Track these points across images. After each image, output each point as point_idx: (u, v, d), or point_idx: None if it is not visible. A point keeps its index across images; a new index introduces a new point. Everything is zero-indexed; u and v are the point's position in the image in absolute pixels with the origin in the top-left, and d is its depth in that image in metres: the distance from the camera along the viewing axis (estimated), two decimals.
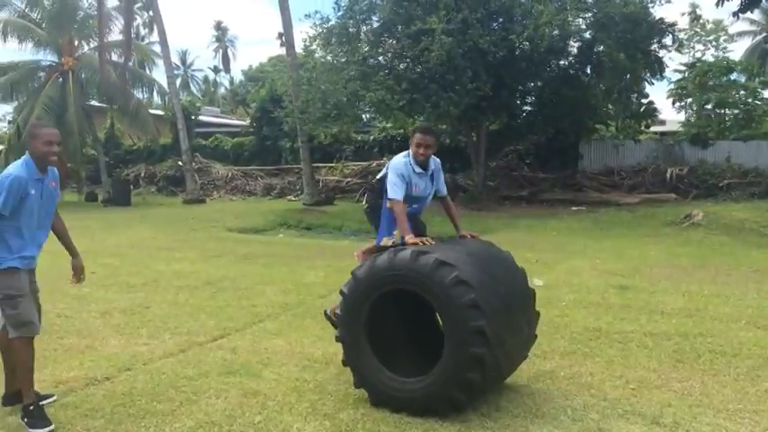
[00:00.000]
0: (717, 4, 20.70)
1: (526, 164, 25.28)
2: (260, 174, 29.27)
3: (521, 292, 4.54)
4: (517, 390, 4.71)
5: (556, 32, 18.76)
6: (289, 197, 26.16)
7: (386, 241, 4.85)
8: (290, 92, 22.61)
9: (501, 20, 18.98)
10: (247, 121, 35.15)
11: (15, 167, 4.09)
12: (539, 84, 21.06)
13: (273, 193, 27.39)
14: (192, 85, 78.01)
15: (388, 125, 27.06)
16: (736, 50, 38.25)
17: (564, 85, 20.51)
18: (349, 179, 26.05)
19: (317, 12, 21.87)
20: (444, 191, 5.36)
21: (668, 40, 21.20)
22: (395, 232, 4.86)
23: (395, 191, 4.84)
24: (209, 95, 73.24)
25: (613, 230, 15.69)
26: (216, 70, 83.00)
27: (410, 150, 4.98)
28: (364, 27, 20.63)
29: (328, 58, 21.56)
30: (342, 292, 4.49)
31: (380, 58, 20.71)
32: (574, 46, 19.71)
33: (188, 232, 15.86)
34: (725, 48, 29.64)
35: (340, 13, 20.54)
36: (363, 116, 22.05)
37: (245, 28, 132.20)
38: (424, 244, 4.41)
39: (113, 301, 7.85)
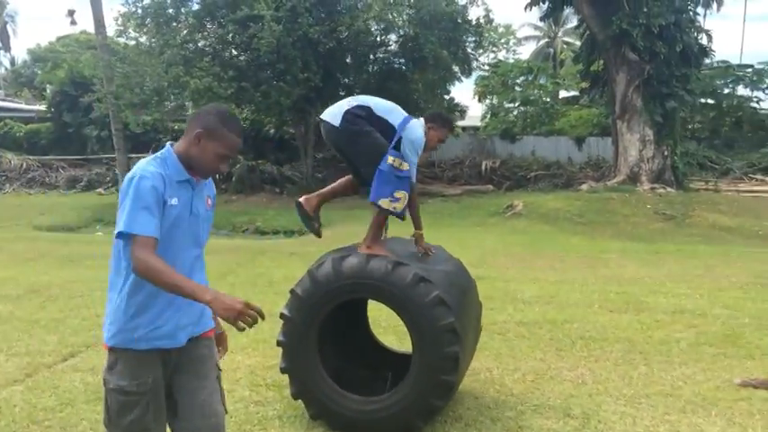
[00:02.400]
0: (525, 8, 22.49)
1: None
2: (61, 164, 26.43)
3: (476, 309, 4.39)
4: None
5: (382, 26, 19.09)
6: (99, 190, 23.92)
7: (387, 204, 3.99)
8: (102, 75, 20.60)
9: (330, 11, 18.79)
10: (42, 106, 31.58)
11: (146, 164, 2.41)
12: (364, 77, 21.24)
13: (79, 185, 24.90)
14: None
15: None
16: (524, 53, 41.73)
17: (389, 79, 20.95)
18: None
19: None
20: None
21: (480, 41, 22.52)
22: (397, 195, 3.99)
23: (412, 158, 4.04)
24: None
25: (445, 221, 16.28)
26: None
27: (426, 133, 4.16)
28: (184, 9, 19.38)
29: (142, 39, 20.00)
30: (293, 292, 3.90)
31: (203, 42, 19.60)
32: (397, 41, 20.07)
33: None
34: (514, 50, 32.23)
35: None
36: (187, 104, 20.67)
37: (26, 2, 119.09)
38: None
39: None
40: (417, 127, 4.11)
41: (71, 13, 69.07)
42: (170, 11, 18.65)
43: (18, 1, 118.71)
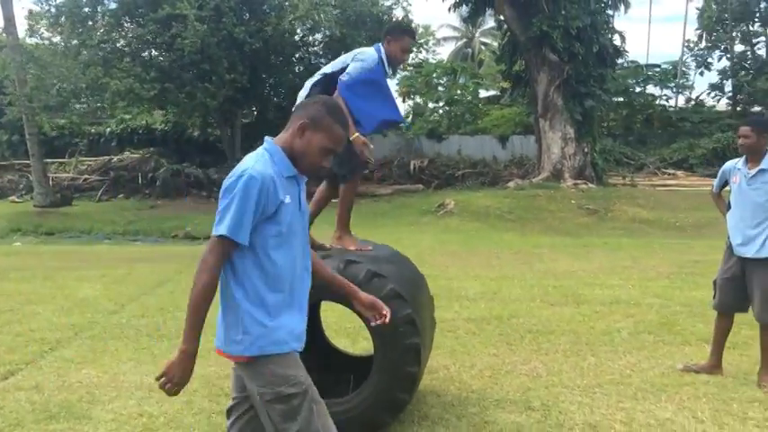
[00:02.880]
0: (449, 9, 22.91)
1: None
2: None
3: (429, 303, 4.41)
4: None
5: (308, 26, 19.00)
6: (12, 198, 22.63)
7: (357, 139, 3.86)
8: (14, 77, 19.51)
9: (254, 10, 18.52)
10: None
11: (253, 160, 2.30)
12: (290, 77, 21.05)
13: None
14: None
15: (127, 116, 24.94)
16: (443, 53, 42.46)
17: None
18: (86, 176, 23.36)
19: None
20: None
21: None
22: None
23: (352, 70, 3.93)
24: None
25: (378, 221, 16.38)
26: None
27: (385, 49, 4.08)
28: (100, 8, 18.64)
29: (55, 39, 19.10)
30: None
31: (122, 42, 18.91)
32: (323, 41, 19.97)
33: None
34: (434, 51, 32.73)
35: None
36: (105, 106, 19.85)
37: None
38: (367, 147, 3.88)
39: None
40: (364, 49, 4.09)
41: None
42: (86, 9, 17.88)
43: None
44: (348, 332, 6.24)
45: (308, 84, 4.12)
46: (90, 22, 18.05)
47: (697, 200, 17.94)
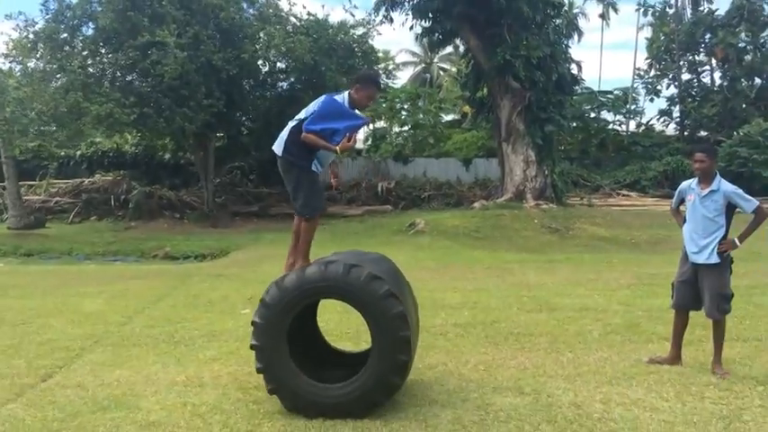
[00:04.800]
0: (416, 38, 23.90)
1: (250, 180, 25.68)
2: None
3: (414, 303, 5.19)
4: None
5: (282, 55, 19.70)
6: None
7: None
8: None
9: (230, 38, 19.12)
10: None
11: None
12: (266, 103, 21.63)
13: None
14: None
15: (98, 140, 25.16)
16: (402, 78, 43.48)
17: (289, 105, 21.47)
18: (57, 199, 23.44)
19: (20, 13, 19.47)
20: None
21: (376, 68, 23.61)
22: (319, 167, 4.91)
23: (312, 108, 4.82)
24: None
25: (353, 240, 16.98)
26: None
27: (351, 95, 4.87)
28: (79, 34, 19.02)
29: (31, 64, 19.31)
30: (262, 300, 4.52)
31: (99, 67, 19.29)
32: (298, 68, 20.62)
33: None
34: (394, 75, 33.59)
35: (48, 17, 18.59)
36: (87, 130, 20.09)
37: None
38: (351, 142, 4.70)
39: None
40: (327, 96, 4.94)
41: None
42: (64, 35, 18.23)
43: None
44: (349, 336, 6.90)
45: (289, 125, 4.92)
46: (68, 48, 18.37)
47: (650, 219, 19.15)
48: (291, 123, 4.91)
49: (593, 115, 30.29)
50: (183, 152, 24.09)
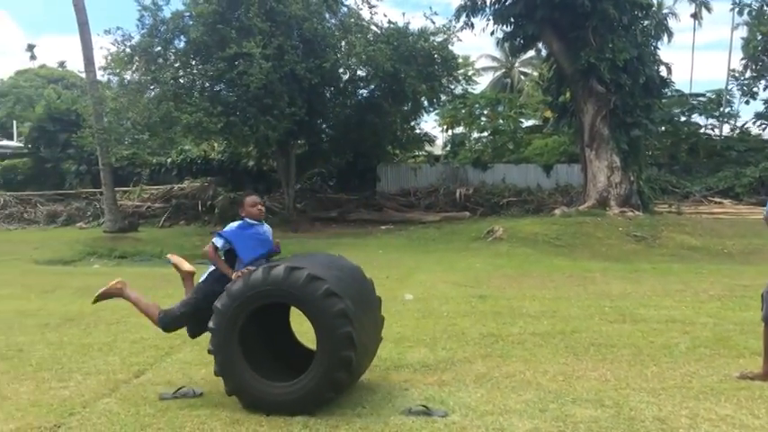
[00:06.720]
0: (497, 44, 23.70)
1: (329, 186, 26.14)
2: (39, 200, 26.40)
3: (371, 300, 5.24)
4: (475, 390, 5.20)
5: (363, 63, 19.99)
6: (80, 224, 24.01)
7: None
8: (92, 111, 20.92)
9: (313, 48, 19.56)
10: (17, 142, 31.55)
11: None
12: (346, 110, 21.97)
13: (59, 220, 24.92)
14: None
15: (187, 148, 26.27)
16: (482, 83, 43.00)
17: (369, 112, 21.79)
18: (149, 204, 24.65)
19: (118, 28, 20.79)
20: None
21: (454, 75, 23.56)
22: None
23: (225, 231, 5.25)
24: None
25: (430, 246, 17.03)
26: None
27: (244, 215, 5.31)
28: (172, 47, 19.97)
29: (127, 76, 20.40)
30: (215, 308, 4.78)
31: (189, 78, 20.18)
32: (378, 76, 20.85)
33: None
34: (473, 81, 33.25)
35: (144, 31, 19.63)
36: (177, 138, 21.09)
37: None
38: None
39: None
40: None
41: (31, 47, 69.18)
42: (157, 48, 19.19)
43: None
44: (425, 342, 6.90)
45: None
46: (161, 60, 19.32)
47: (744, 227, 18.17)
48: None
49: (683, 119, 28.99)
50: (266, 159, 24.78)
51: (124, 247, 17.88)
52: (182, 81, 19.64)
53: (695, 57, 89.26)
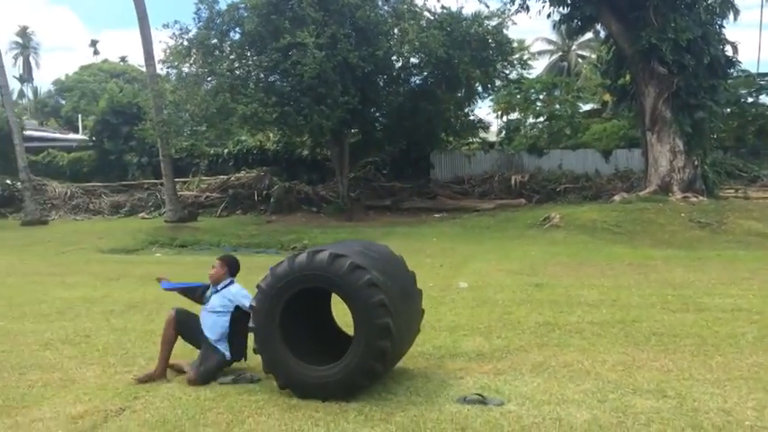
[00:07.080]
0: (554, 26, 23.21)
1: (383, 174, 26.15)
2: (103, 191, 27.33)
3: (412, 293, 5.22)
4: (532, 380, 5.13)
5: (416, 49, 19.85)
6: (142, 214, 24.77)
7: None
8: (152, 104, 21.51)
9: (366, 36, 19.53)
10: (77, 135, 32.73)
11: None
12: (399, 98, 21.89)
13: (123, 210, 25.75)
14: None
15: (243, 138, 26.69)
16: (538, 68, 42.16)
17: (422, 100, 21.66)
18: (207, 194, 25.22)
19: (176, 22, 21.16)
20: None
21: (509, 60, 23.15)
22: None
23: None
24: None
25: (485, 234, 16.86)
26: (22, 80, 75.82)
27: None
28: (227, 39, 20.27)
29: (185, 69, 20.80)
30: (259, 287, 4.88)
31: (245, 69, 20.47)
32: (431, 62, 20.68)
33: (56, 255, 14.62)
34: (530, 66, 32.53)
35: (200, 24, 19.99)
36: (233, 129, 21.50)
37: (43, 34, 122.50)
38: None
39: (40, 332, 7.20)
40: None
41: (94, 43, 71.60)
42: (214, 41, 19.52)
43: (39, 33, 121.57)
44: (480, 331, 6.84)
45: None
46: (217, 52, 19.66)
47: None
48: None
49: (750, 100, 27.74)
50: (320, 148, 24.96)
51: (184, 236, 18.34)
52: (237, 72, 19.94)
53: (763, 35, 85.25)
